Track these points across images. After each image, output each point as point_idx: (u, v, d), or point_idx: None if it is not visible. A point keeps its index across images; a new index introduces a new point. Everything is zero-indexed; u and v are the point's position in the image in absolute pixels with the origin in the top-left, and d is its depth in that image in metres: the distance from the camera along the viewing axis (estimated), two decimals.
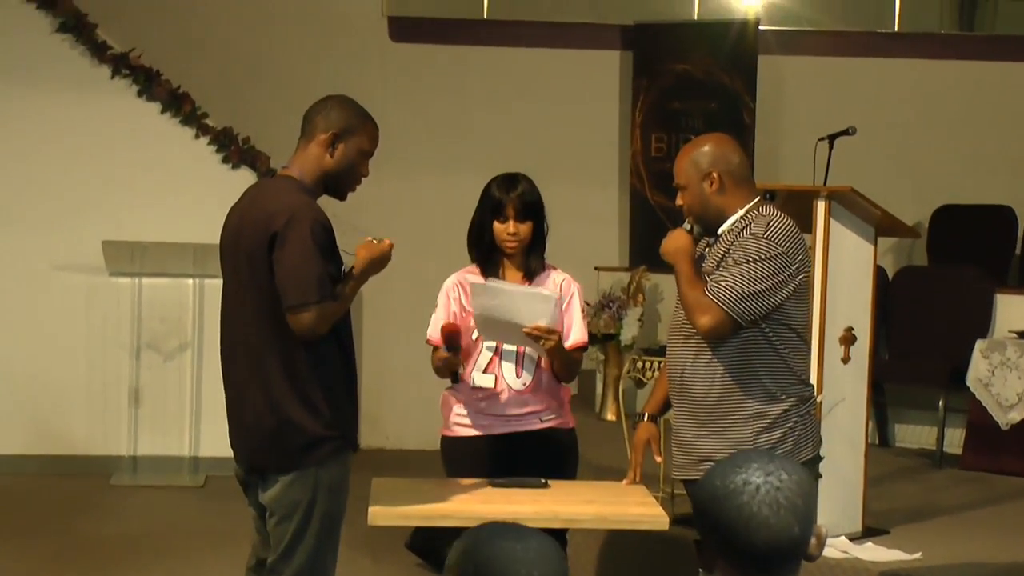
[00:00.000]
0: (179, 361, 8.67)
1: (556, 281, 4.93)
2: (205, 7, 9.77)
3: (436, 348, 4.88)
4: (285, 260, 4.10)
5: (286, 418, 4.18)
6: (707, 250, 4.37)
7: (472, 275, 4.96)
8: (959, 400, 8.11)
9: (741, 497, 2.32)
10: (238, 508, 4.66)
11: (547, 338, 4.67)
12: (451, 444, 4.99)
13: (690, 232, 4.37)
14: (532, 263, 4.92)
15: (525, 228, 4.87)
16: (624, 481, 4.70)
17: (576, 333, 4.89)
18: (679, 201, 4.37)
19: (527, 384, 4.87)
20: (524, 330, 4.65)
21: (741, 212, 4.29)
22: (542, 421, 4.91)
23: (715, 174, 4.28)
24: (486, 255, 4.93)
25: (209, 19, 9.78)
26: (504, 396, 4.88)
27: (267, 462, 4.25)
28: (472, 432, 4.93)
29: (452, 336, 4.71)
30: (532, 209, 4.88)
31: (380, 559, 6.73)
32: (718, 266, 4.23)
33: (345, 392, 4.30)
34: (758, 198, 4.34)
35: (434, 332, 4.88)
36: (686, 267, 4.27)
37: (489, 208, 4.89)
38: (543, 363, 4.87)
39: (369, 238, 4.38)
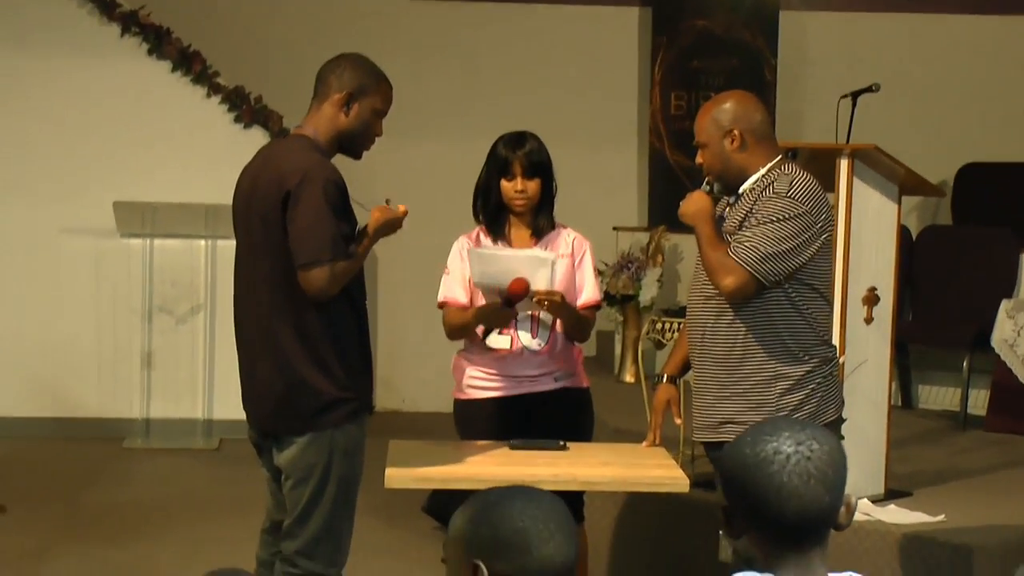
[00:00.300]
0: (191, 324, 8.62)
1: (567, 240, 4.88)
2: None
3: (448, 309, 4.84)
4: (298, 219, 4.06)
5: (300, 380, 4.15)
6: (727, 210, 4.30)
7: (481, 235, 4.88)
8: (984, 361, 8.02)
9: (771, 466, 2.29)
10: (252, 471, 4.62)
11: (549, 299, 4.58)
12: (464, 407, 4.94)
13: (709, 193, 4.30)
14: (541, 222, 4.86)
15: (533, 185, 4.81)
16: (644, 443, 4.65)
17: (588, 291, 4.84)
18: (699, 159, 4.31)
19: (543, 346, 4.81)
20: (534, 288, 4.58)
21: (763, 171, 4.22)
22: (556, 381, 4.85)
23: (736, 131, 4.21)
24: (493, 215, 4.86)
25: None
26: (520, 356, 4.80)
27: (281, 425, 4.22)
28: (485, 394, 4.87)
29: (518, 294, 4.61)
30: (540, 167, 4.83)
31: (396, 523, 6.67)
32: (740, 226, 4.16)
33: (359, 354, 4.28)
34: (780, 156, 4.28)
35: (449, 293, 4.85)
36: (707, 228, 4.20)
37: (496, 167, 4.84)
38: (557, 324, 4.80)
39: (386, 200, 4.32)
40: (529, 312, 4.79)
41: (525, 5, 9.88)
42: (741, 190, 4.25)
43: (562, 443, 4.62)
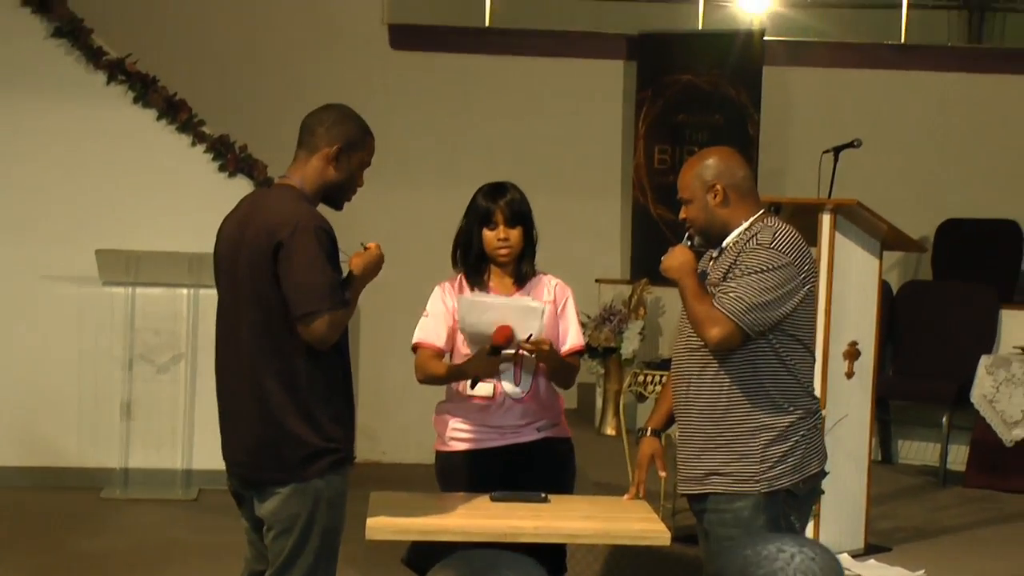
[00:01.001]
0: (172, 373, 8.59)
1: (549, 286, 4.88)
2: (202, 13, 9.71)
3: (422, 352, 4.84)
4: (294, 269, 4.06)
5: (286, 430, 4.13)
6: (710, 264, 4.32)
7: (463, 282, 4.88)
8: (963, 417, 8.04)
9: (775, 563, 2.26)
10: (231, 522, 4.59)
11: (539, 349, 4.59)
12: (446, 459, 4.92)
13: (691, 247, 4.32)
14: (523, 270, 4.85)
15: (515, 234, 4.82)
16: (625, 496, 4.63)
17: (572, 337, 4.84)
18: (683, 214, 4.36)
19: (526, 392, 4.80)
20: (521, 345, 4.59)
21: (745, 224, 4.26)
22: (539, 432, 4.83)
23: (719, 186, 4.25)
24: (474, 265, 4.86)
25: (206, 25, 9.72)
26: (502, 405, 4.79)
27: (264, 475, 4.19)
28: (468, 446, 4.85)
29: (501, 344, 4.63)
30: (521, 215, 4.84)
31: (376, 575, 6.63)
32: (724, 278, 4.17)
33: (343, 403, 4.26)
34: (762, 211, 4.30)
35: (425, 336, 4.84)
36: (691, 281, 4.24)
37: (477, 216, 4.85)
38: (540, 369, 4.79)
39: (361, 244, 4.35)
40: (511, 359, 4.78)
41: (511, 57, 9.93)
42: (724, 244, 4.29)
43: (544, 495, 4.60)
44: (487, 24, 9.94)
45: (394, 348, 9.44)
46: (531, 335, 4.59)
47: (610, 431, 8.75)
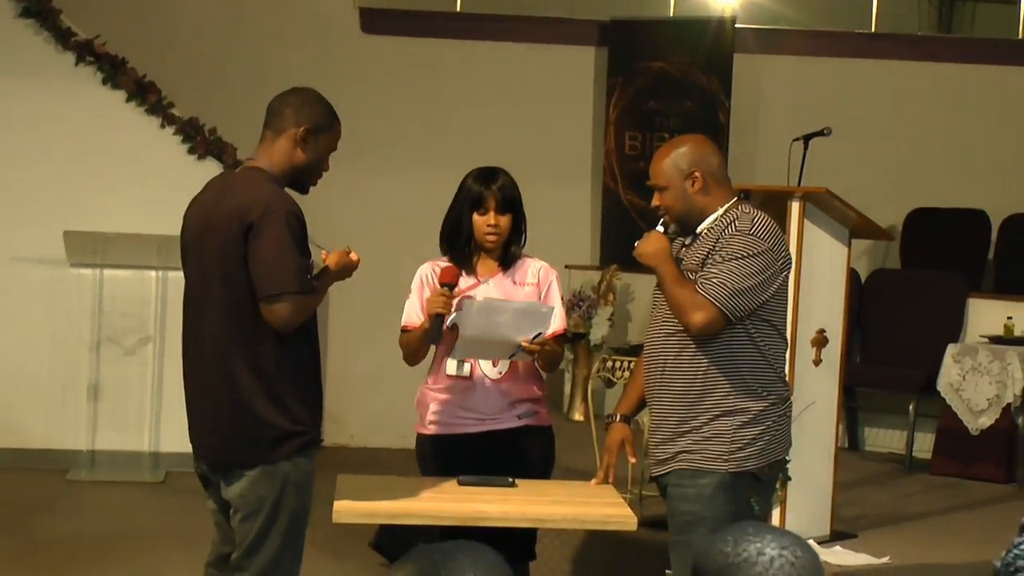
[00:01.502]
0: (140, 355, 8.56)
1: (534, 269, 4.88)
2: None
3: (408, 333, 4.81)
4: (262, 251, 4.05)
5: (253, 413, 4.12)
6: (683, 250, 4.33)
7: (446, 264, 4.87)
8: (930, 405, 8.08)
9: (755, 568, 2.22)
10: (198, 504, 4.58)
11: (542, 349, 4.63)
12: (426, 442, 4.91)
13: (664, 233, 4.31)
14: (509, 255, 4.85)
15: (505, 221, 4.81)
16: (593, 481, 4.64)
17: (556, 321, 4.83)
18: (656, 202, 4.35)
19: (503, 372, 4.79)
20: (523, 343, 4.57)
21: (720, 211, 4.28)
22: (519, 419, 4.82)
23: (698, 174, 4.27)
24: (462, 249, 4.85)
25: (177, 8, 9.69)
26: (481, 386, 4.79)
27: (232, 457, 4.19)
28: (448, 431, 4.84)
29: (454, 277, 4.66)
30: (512, 202, 4.83)
31: (344, 558, 6.63)
32: (703, 264, 4.18)
33: (311, 387, 4.26)
34: (735, 197, 4.32)
35: (410, 319, 4.81)
36: (670, 268, 4.25)
37: (468, 201, 4.83)
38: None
39: (346, 247, 4.35)
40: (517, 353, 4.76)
41: (482, 42, 9.91)
42: (699, 230, 4.29)
43: (511, 480, 4.61)
44: (458, 9, 9.93)
45: (362, 332, 9.47)
46: (539, 334, 4.59)
47: (578, 416, 8.77)
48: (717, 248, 4.18)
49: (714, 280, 4.13)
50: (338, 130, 4.32)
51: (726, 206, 4.28)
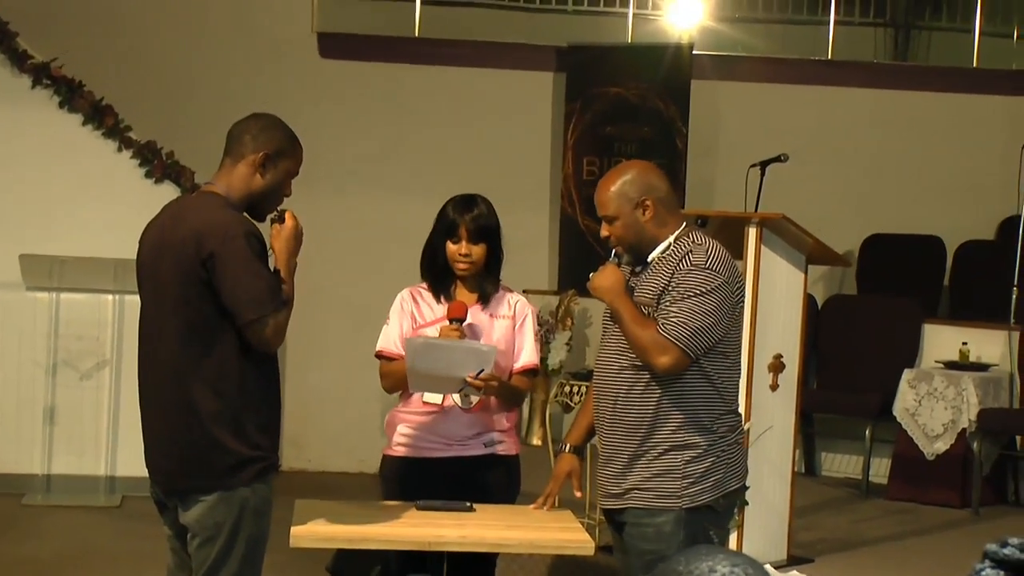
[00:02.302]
0: (96, 379, 8.50)
1: (510, 302, 4.89)
2: (131, 18, 9.65)
3: (388, 360, 4.82)
4: (231, 277, 4.04)
5: (212, 438, 4.10)
6: (633, 279, 4.30)
7: (423, 292, 4.88)
8: (886, 430, 8.12)
9: None
10: (154, 529, 4.55)
11: (488, 386, 4.61)
12: (392, 464, 4.90)
13: (618, 265, 4.30)
14: (486, 286, 4.85)
15: (478, 250, 4.80)
16: (532, 505, 4.64)
17: (527, 355, 4.84)
18: (605, 232, 4.29)
19: (474, 403, 4.79)
20: (468, 379, 4.58)
21: (671, 238, 4.24)
22: (486, 447, 4.83)
23: (649, 202, 4.22)
24: (438, 276, 4.85)
25: (134, 31, 9.66)
26: (452, 414, 4.79)
27: (190, 482, 4.16)
28: (413, 453, 4.84)
29: (463, 312, 4.70)
30: (486, 231, 4.82)
31: None
32: (659, 299, 4.15)
33: (271, 412, 4.24)
34: (685, 223, 4.30)
35: (386, 344, 4.81)
36: (627, 306, 4.20)
37: (443, 229, 4.83)
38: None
39: (270, 219, 4.29)
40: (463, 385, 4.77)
41: (440, 67, 9.93)
42: (649, 259, 4.27)
43: (469, 504, 4.61)
44: (417, 34, 9.94)
45: (322, 354, 9.44)
46: (482, 370, 4.59)
47: (536, 441, 8.77)
48: (673, 284, 4.14)
49: (674, 320, 4.10)
50: (299, 155, 4.29)
51: (676, 232, 4.24)
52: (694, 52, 9.62)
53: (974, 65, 10.03)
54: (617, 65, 9.68)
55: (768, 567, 5.74)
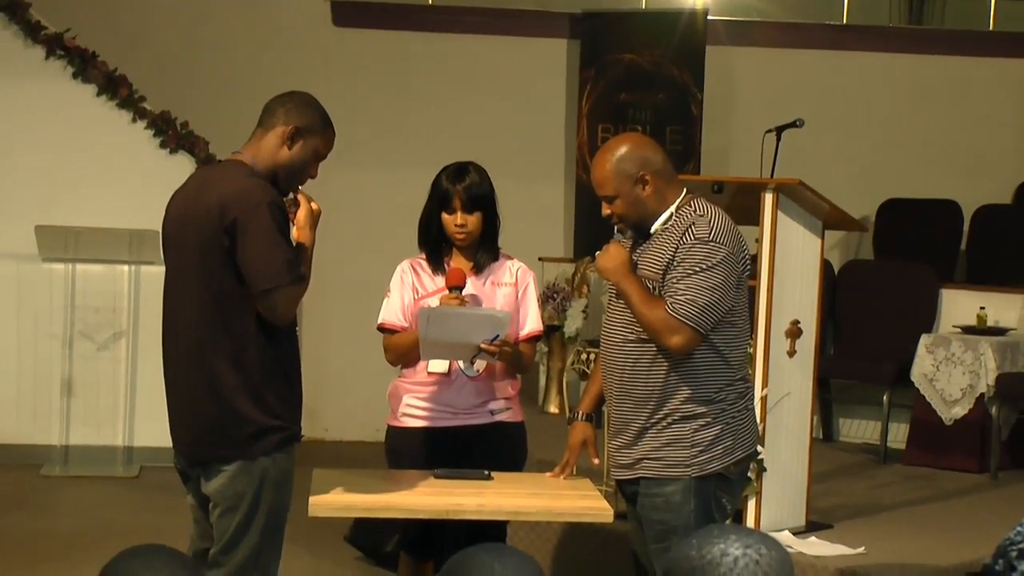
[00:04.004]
0: (113, 350, 8.53)
1: (511, 270, 4.88)
2: None
3: (390, 333, 4.82)
4: (251, 246, 4.04)
5: (232, 407, 4.11)
6: (637, 253, 4.28)
7: (425, 263, 4.87)
8: (904, 395, 8.10)
9: (719, 568, 2.21)
10: (173, 499, 4.57)
11: (502, 351, 4.61)
12: (398, 435, 4.90)
13: (622, 242, 4.28)
14: (483, 255, 4.84)
15: (474, 220, 4.79)
16: (549, 474, 4.65)
17: (531, 322, 4.84)
18: (607, 211, 4.26)
19: (480, 371, 4.79)
20: (482, 346, 4.57)
21: (672, 209, 4.21)
22: (492, 415, 4.83)
23: (647, 176, 4.18)
24: (434, 247, 4.84)
25: (147, 1, 9.64)
26: (457, 383, 4.79)
27: (211, 452, 4.18)
28: (420, 423, 4.84)
29: (461, 279, 4.70)
30: (481, 200, 4.80)
31: (320, 552, 6.63)
32: (664, 272, 4.13)
33: (290, 382, 4.25)
34: (685, 191, 4.27)
35: (388, 316, 4.81)
36: (635, 286, 4.18)
37: (437, 200, 4.82)
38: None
39: (307, 202, 4.29)
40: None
41: (454, 35, 9.90)
42: (652, 231, 4.23)
43: (487, 473, 4.61)
44: (430, 2, 9.91)
45: (336, 326, 9.46)
46: (497, 336, 4.59)
47: (553, 409, 8.77)
48: (677, 259, 4.11)
49: (682, 298, 4.08)
50: (330, 137, 4.30)
51: (677, 203, 4.21)
52: (708, 17, 9.58)
53: (990, 28, 9.97)
54: (631, 31, 9.64)
55: (786, 533, 5.75)
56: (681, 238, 4.13)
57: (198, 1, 9.74)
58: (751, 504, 5.77)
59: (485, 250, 4.85)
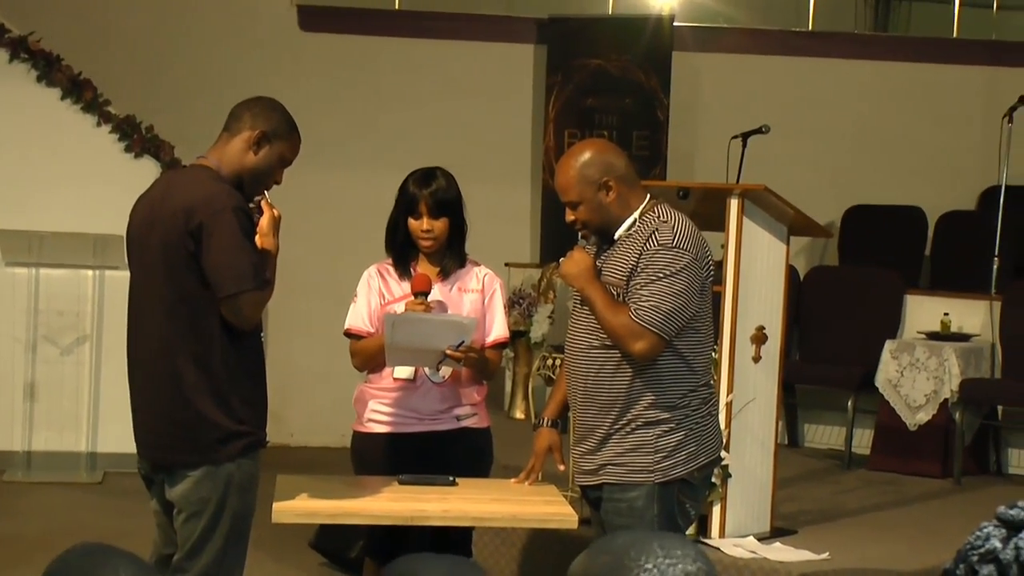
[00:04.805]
0: (77, 355, 8.48)
1: (479, 276, 4.87)
2: None
3: (357, 339, 4.83)
4: (215, 250, 4.04)
5: (198, 413, 4.12)
6: (601, 258, 4.28)
7: (392, 268, 4.86)
8: (869, 401, 8.13)
9: None
10: (137, 505, 4.55)
11: (467, 357, 4.60)
12: (363, 440, 4.89)
13: (586, 248, 4.29)
14: (449, 261, 4.83)
15: (440, 225, 4.78)
16: (514, 480, 4.65)
17: (497, 329, 4.84)
18: (570, 217, 4.26)
19: (446, 377, 4.78)
20: (447, 352, 4.56)
21: (636, 215, 4.23)
22: (458, 421, 4.82)
23: (611, 182, 4.19)
24: (401, 252, 4.84)
25: (113, 4, 9.61)
26: (423, 389, 4.78)
27: (176, 457, 4.18)
28: (386, 429, 4.83)
29: (427, 285, 4.69)
30: (447, 205, 4.79)
31: (284, 558, 6.60)
32: (628, 278, 4.14)
33: (257, 387, 4.25)
34: (649, 196, 4.27)
35: (354, 322, 4.80)
36: (599, 293, 4.18)
37: (404, 205, 4.81)
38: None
39: (268, 207, 4.28)
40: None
41: (421, 40, 9.89)
42: (616, 236, 4.24)
43: (452, 479, 4.60)
44: (397, 7, 9.90)
45: (303, 330, 9.43)
46: (462, 342, 4.58)
47: (519, 415, 8.76)
48: (641, 265, 4.12)
49: (645, 304, 4.09)
50: (295, 143, 4.30)
51: (640, 208, 4.22)
52: (675, 23, 9.60)
53: (954, 35, 10.02)
54: (598, 37, 9.65)
55: (751, 539, 5.76)
56: (645, 244, 4.14)
57: (164, 5, 9.70)
58: (716, 510, 5.78)
59: (452, 256, 4.85)
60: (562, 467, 4.65)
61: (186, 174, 4.34)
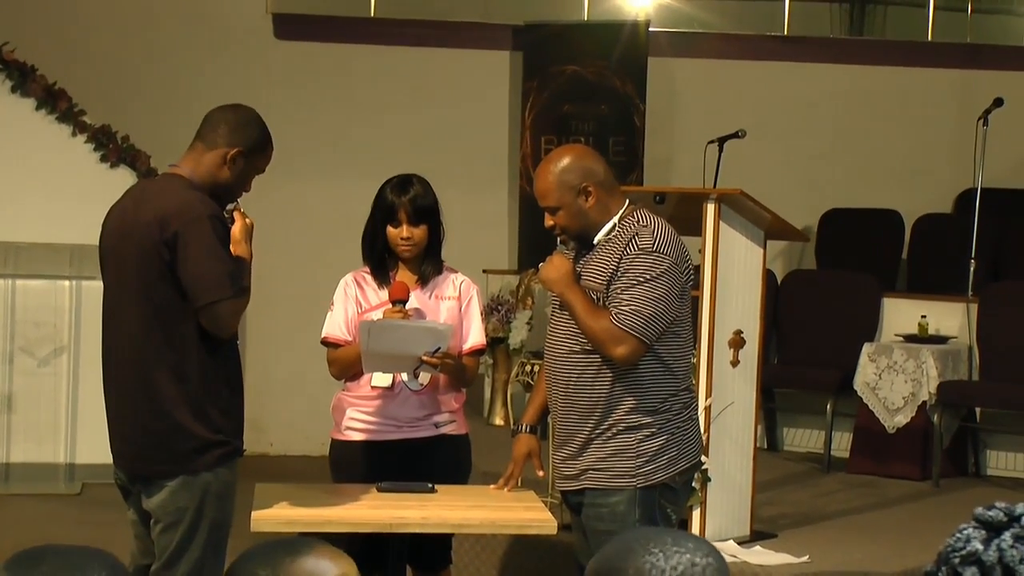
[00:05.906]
0: (54, 366, 8.45)
1: (455, 283, 4.87)
2: (82, 1, 9.54)
3: (333, 347, 4.82)
4: (192, 259, 4.04)
5: (175, 422, 4.11)
6: (580, 263, 4.29)
7: (369, 276, 4.86)
8: (847, 404, 8.14)
9: None
10: (115, 516, 4.53)
11: (444, 363, 4.59)
12: (341, 448, 4.89)
13: (565, 253, 4.29)
14: (427, 268, 4.83)
15: (419, 232, 4.78)
16: (493, 486, 4.64)
17: (474, 336, 4.84)
18: (549, 223, 4.27)
19: (424, 384, 4.77)
20: (424, 358, 4.56)
21: (615, 219, 4.24)
22: (437, 428, 4.82)
23: (590, 187, 4.20)
24: (379, 260, 4.83)
25: (88, 14, 9.57)
26: (401, 396, 4.77)
27: (153, 467, 4.17)
28: (364, 437, 4.82)
29: (404, 293, 4.68)
30: (426, 212, 4.79)
31: None
32: (608, 283, 4.14)
33: (233, 396, 4.25)
34: (628, 202, 4.28)
35: (331, 330, 4.79)
36: (579, 297, 4.19)
37: (382, 212, 4.81)
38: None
39: (228, 214, 4.28)
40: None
41: (396, 47, 9.88)
42: (595, 241, 4.25)
43: (431, 486, 4.60)
44: (372, 14, 9.88)
45: (280, 339, 9.41)
46: (439, 348, 4.58)
47: (498, 421, 8.76)
48: (621, 269, 4.13)
49: (626, 308, 4.10)
50: (269, 154, 4.31)
51: (620, 213, 4.23)
52: (650, 29, 9.60)
53: (929, 39, 10.05)
54: (574, 43, 9.65)
55: (731, 543, 5.76)
56: (625, 249, 4.14)
57: (138, 15, 9.67)
58: (696, 514, 5.78)
59: (429, 262, 4.85)
60: (541, 473, 4.65)
61: (158, 183, 4.33)
